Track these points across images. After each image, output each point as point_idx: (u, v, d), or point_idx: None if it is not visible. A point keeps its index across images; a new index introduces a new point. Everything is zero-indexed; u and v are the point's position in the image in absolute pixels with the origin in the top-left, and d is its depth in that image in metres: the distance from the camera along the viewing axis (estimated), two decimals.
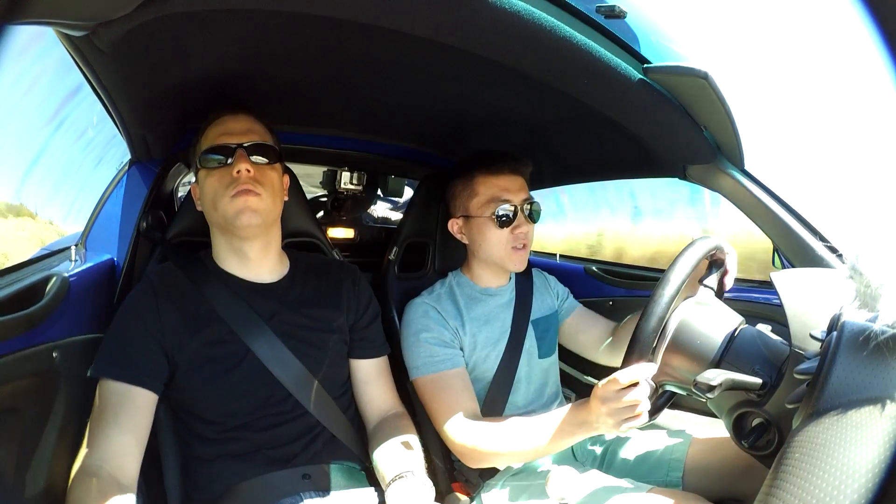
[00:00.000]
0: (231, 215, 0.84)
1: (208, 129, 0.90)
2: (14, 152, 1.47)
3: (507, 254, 1.06)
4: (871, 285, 0.46)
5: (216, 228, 0.90)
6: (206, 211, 0.89)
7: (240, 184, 0.84)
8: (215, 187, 0.85)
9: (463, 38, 0.71)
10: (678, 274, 0.73)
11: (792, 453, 0.45)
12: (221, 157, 0.86)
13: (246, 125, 0.90)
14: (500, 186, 1.06)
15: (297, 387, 0.86)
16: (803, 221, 1.05)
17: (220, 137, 0.87)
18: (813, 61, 50.86)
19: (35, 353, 0.73)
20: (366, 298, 1.01)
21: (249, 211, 0.84)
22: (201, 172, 0.88)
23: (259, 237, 0.90)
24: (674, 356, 0.76)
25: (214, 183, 0.86)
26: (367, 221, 2.07)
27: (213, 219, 0.89)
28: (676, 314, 0.76)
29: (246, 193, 0.84)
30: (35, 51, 0.95)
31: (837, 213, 1.22)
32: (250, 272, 0.91)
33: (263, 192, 0.86)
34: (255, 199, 0.84)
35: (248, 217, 0.84)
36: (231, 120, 0.89)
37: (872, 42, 0.38)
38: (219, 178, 0.85)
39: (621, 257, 3.61)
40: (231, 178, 0.84)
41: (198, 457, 0.85)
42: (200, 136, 0.91)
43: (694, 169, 1.12)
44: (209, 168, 0.87)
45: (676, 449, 0.99)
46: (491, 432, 0.92)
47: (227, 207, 0.84)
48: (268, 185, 0.87)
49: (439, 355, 1.00)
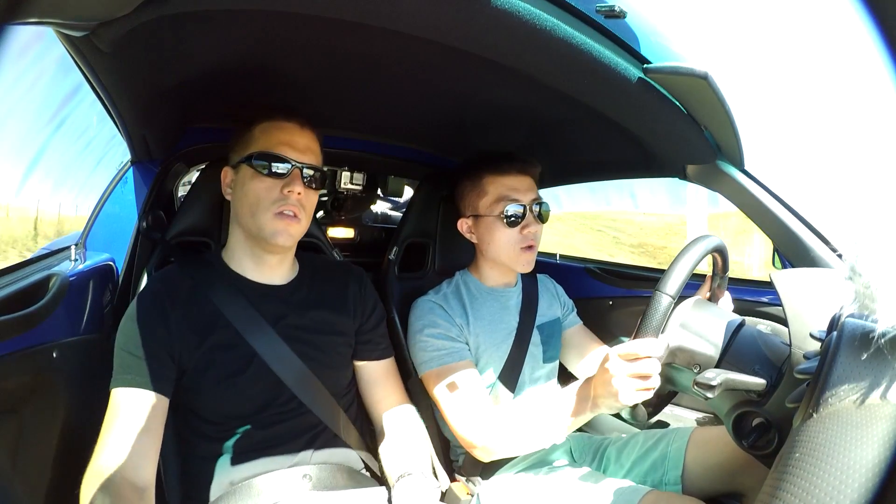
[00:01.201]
0: (268, 232, 0.84)
1: (271, 129, 0.87)
2: (14, 152, 1.47)
3: (516, 253, 1.07)
4: (870, 286, 0.46)
5: (242, 231, 0.89)
6: (238, 210, 0.88)
7: (287, 204, 0.84)
8: (260, 196, 0.84)
9: (463, 38, 0.71)
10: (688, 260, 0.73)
11: (792, 453, 0.45)
12: (278, 167, 0.84)
13: (307, 142, 0.89)
14: (508, 186, 1.07)
15: (301, 389, 0.87)
16: (803, 221, 1.05)
17: (282, 147, 0.86)
18: (813, 61, 50.94)
19: (35, 353, 0.73)
20: (372, 301, 1.01)
21: (287, 235, 0.85)
22: (246, 170, 0.86)
23: (284, 252, 0.91)
24: (674, 356, 0.76)
25: (260, 191, 0.84)
26: (367, 221, 2.07)
27: (244, 222, 0.87)
28: (676, 315, 0.76)
29: (289, 219, 0.84)
30: (35, 51, 0.95)
31: (837, 213, 1.22)
32: (263, 275, 0.91)
33: (304, 217, 0.87)
34: (296, 226, 0.86)
35: (284, 239, 0.85)
36: (298, 132, 0.88)
37: (872, 42, 0.38)
38: (267, 189, 0.84)
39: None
40: (279, 195, 0.84)
41: (199, 456, 0.85)
42: (254, 129, 0.88)
43: (694, 169, 1.12)
44: (258, 171, 0.85)
45: (675, 447, 0.99)
46: (500, 422, 0.92)
47: (266, 223, 0.84)
48: (308, 209, 0.88)
49: (446, 348, 1.00)
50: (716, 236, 0.80)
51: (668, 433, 1.03)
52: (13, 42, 0.39)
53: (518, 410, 0.93)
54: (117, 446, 0.73)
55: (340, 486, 0.86)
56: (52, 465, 0.77)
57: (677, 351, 0.75)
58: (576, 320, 1.24)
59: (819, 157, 7.56)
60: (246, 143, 0.87)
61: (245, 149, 0.87)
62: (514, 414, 0.93)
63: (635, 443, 1.04)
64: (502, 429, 0.91)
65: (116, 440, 0.73)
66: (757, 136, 4.59)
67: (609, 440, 1.09)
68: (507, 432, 0.90)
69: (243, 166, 0.86)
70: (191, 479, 0.86)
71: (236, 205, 0.88)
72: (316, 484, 0.85)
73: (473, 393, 0.97)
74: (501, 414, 0.94)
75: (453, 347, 1.01)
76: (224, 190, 0.91)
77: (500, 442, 0.91)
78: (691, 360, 0.74)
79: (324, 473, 0.86)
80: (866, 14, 0.38)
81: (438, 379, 0.98)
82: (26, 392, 0.72)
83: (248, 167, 0.86)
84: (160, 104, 0.91)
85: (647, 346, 0.71)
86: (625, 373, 0.71)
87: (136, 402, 0.77)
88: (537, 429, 0.87)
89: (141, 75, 0.78)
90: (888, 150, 6.98)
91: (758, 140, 1.47)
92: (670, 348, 0.75)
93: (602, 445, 1.09)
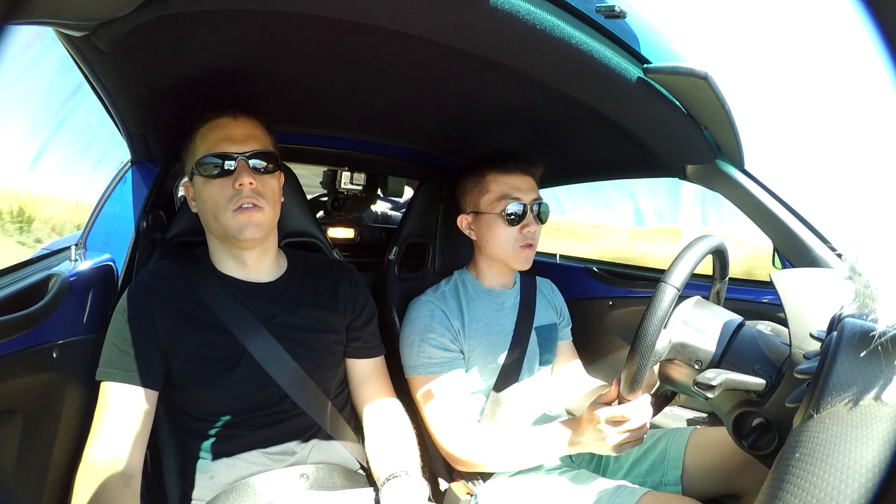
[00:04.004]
0: (234, 230, 0.83)
1: (206, 131, 0.86)
2: (14, 152, 1.47)
3: (515, 251, 1.08)
4: (870, 286, 0.46)
5: (215, 237, 0.89)
6: (204, 218, 0.88)
7: (242, 198, 0.82)
8: (215, 198, 0.83)
9: (463, 38, 0.71)
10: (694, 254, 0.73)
11: (792, 453, 0.45)
12: (221, 165, 0.83)
13: (247, 130, 0.87)
14: (511, 185, 1.08)
15: (293, 387, 0.86)
16: (803, 221, 1.05)
17: (221, 144, 0.84)
18: (813, 61, 50.96)
19: (35, 353, 0.73)
20: (363, 299, 1.01)
21: (253, 226, 0.83)
22: (198, 178, 0.85)
23: (259, 245, 0.90)
24: (675, 352, 0.76)
25: (214, 194, 0.83)
26: (367, 221, 2.07)
27: (212, 228, 0.87)
28: (678, 312, 0.76)
29: (249, 210, 0.83)
30: (35, 51, 0.95)
31: (837, 213, 1.22)
32: (247, 273, 0.91)
33: (265, 204, 0.85)
34: (259, 215, 0.84)
35: (251, 231, 0.83)
36: (232, 124, 0.86)
37: (872, 42, 0.38)
38: (219, 189, 0.83)
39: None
40: (232, 191, 0.82)
41: (195, 456, 0.85)
42: (195, 136, 0.87)
43: (694, 169, 1.12)
44: (207, 176, 0.84)
45: (675, 448, 0.99)
46: (480, 441, 0.95)
47: (229, 222, 0.83)
48: (269, 195, 0.86)
49: (438, 357, 1.01)
50: (719, 237, 0.80)
51: (668, 434, 1.03)
52: (13, 42, 0.39)
53: (502, 432, 0.96)
54: (101, 438, 0.76)
55: (337, 485, 0.87)
56: (53, 465, 0.77)
57: (679, 346, 0.75)
58: (567, 336, 1.25)
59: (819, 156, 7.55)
60: (191, 153, 0.87)
61: (192, 159, 0.87)
62: (498, 435, 0.96)
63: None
64: (483, 447, 0.95)
65: (100, 432, 0.76)
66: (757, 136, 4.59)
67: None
68: (487, 451, 0.94)
69: (195, 176, 0.86)
70: (189, 480, 0.86)
71: (201, 214, 0.88)
72: (313, 483, 0.85)
73: (457, 406, 0.99)
74: (483, 432, 0.97)
75: (444, 357, 1.01)
76: (190, 204, 0.91)
77: (479, 459, 0.95)
78: (693, 356, 0.74)
79: (321, 473, 0.86)
80: (866, 14, 0.38)
81: (423, 387, 1.00)
82: (27, 392, 0.72)
83: (198, 175, 0.85)
84: (160, 104, 0.91)
85: (635, 410, 0.75)
86: (615, 432, 0.79)
87: (120, 395, 0.78)
88: (519, 454, 0.93)
89: (141, 75, 0.78)
90: (888, 150, 6.99)
91: (758, 140, 1.47)
92: (672, 343, 0.75)
93: None
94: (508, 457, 0.94)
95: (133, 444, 0.77)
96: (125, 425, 0.77)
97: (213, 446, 0.84)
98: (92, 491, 0.70)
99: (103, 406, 0.78)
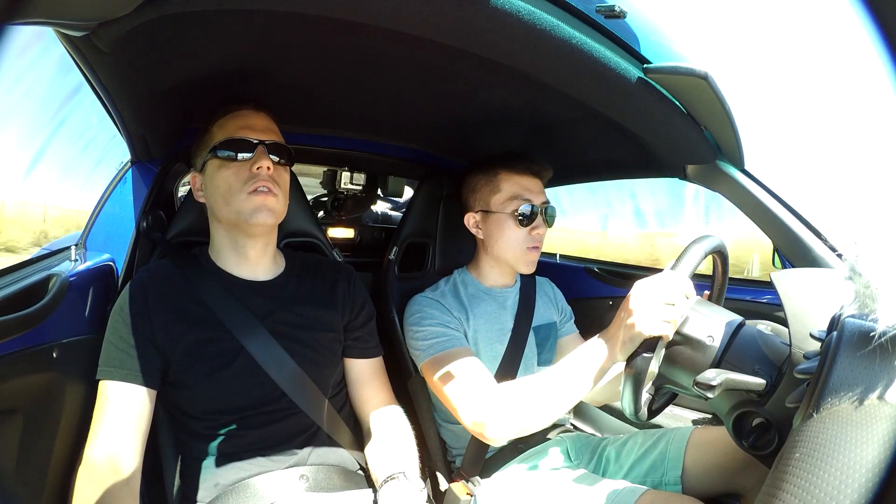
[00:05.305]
0: (247, 212, 0.83)
1: (226, 121, 0.88)
2: (14, 152, 1.47)
3: (522, 253, 1.08)
4: (870, 286, 0.46)
5: (221, 223, 0.89)
6: (213, 204, 0.88)
7: (259, 180, 0.83)
8: (230, 181, 0.84)
9: (463, 38, 0.71)
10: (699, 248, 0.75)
11: (792, 453, 0.45)
12: (242, 149, 0.85)
13: (266, 123, 0.90)
14: (523, 186, 1.08)
15: (291, 386, 0.86)
16: (803, 221, 1.05)
17: (242, 131, 0.86)
18: (813, 62, 50.98)
19: (35, 353, 0.73)
20: (361, 299, 1.01)
21: (267, 210, 0.84)
22: (212, 163, 0.86)
23: (265, 236, 0.90)
24: (674, 356, 0.75)
25: (230, 177, 0.84)
26: (367, 221, 2.07)
27: (221, 213, 0.87)
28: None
29: (265, 193, 0.84)
30: (35, 51, 0.95)
31: (837, 213, 1.22)
32: (247, 270, 0.91)
33: (279, 192, 0.86)
34: (273, 200, 0.85)
35: (264, 216, 0.84)
36: (253, 115, 0.89)
37: (872, 42, 0.38)
38: (235, 173, 0.84)
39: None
40: (249, 175, 0.83)
41: (194, 456, 0.85)
42: (212, 127, 0.89)
43: (694, 169, 1.12)
44: (225, 160, 0.85)
45: (675, 447, 0.99)
46: (511, 395, 0.86)
47: (242, 203, 0.83)
48: (283, 185, 0.88)
49: (444, 336, 1.00)
50: (719, 237, 0.80)
51: (668, 433, 1.03)
52: (13, 42, 0.39)
53: (530, 378, 0.87)
54: (100, 437, 0.76)
55: (337, 487, 0.86)
56: (53, 465, 0.78)
57: (682, 340, 0.75)
58: (572, 329, 1.24)
59: (819, 156, 7.56)
60: (207, 143, 0.88)
61: (206, 147, 0.88)
62: (527, 382, 0.87)
63: (634, 443, 1.04)
64: (515, 399, 0.85)
65: (99, 431, 0.76)
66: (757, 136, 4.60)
67: (608, 440, 1.09)
68: (521, 401, 0.84)
69: (209, 161, 0.87)
70: (188, 480, 0.86)
71: (210, 200, 0.88)
72: (312, 485, 0.85)
73: (476, 373, 0.93)
74: (511, 385, 0.89)
75: (450, 335, 1.00)
76: (196, 195, 0.92)
77: (514, 413, 0.84)
78: (691, 360, 0.74)
79: (320, 474, 0.86)
80: (866, 14, 0.38)
81: (438, 366, 0.96)
82: (27, 392, 0.72)
83: (213, 160, 0.86)
84: (160, 104, 0.91)
85: (670, 278, 0.70)
86: (649, 302, 0.69)
87: (118, 394, 0.79)
88: (555, 391, 0.81)
89: (141, 75, 0.78)
90: (888, 150, 6.99)
91: (758, 140, 1.48)
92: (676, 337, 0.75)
93: (600, 446, 1.09)
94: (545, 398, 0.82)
95: (132, 443, 0.77)
96: (124, 424, 0.77)
97: (212, 447, 0.84)
98: (92, 490, 0.71)
99: (102, 405, 0.78)
